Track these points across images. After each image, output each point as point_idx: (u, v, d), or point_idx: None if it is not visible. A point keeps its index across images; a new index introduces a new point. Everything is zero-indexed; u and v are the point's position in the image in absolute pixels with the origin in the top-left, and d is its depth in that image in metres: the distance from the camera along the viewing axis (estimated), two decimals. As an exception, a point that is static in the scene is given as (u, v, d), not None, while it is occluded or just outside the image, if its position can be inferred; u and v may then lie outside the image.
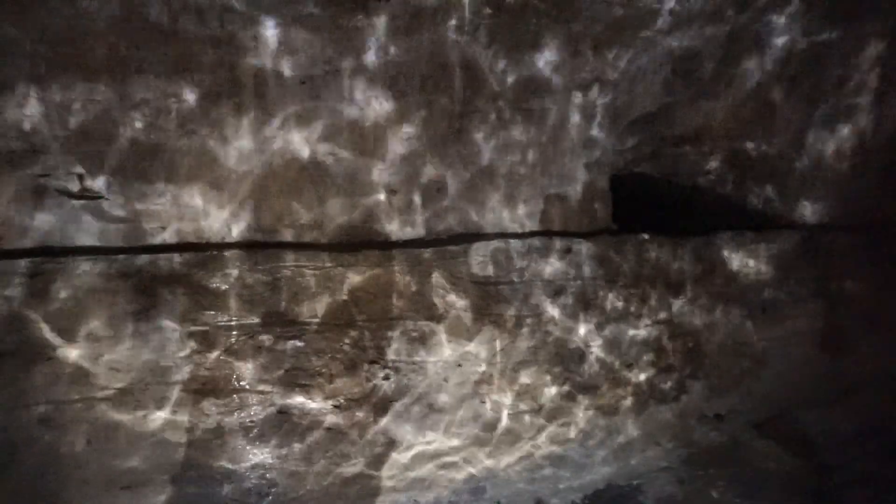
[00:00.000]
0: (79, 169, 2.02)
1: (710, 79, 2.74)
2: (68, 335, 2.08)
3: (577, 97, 2.55)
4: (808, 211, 3.19)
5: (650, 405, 2.99)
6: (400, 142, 2.37)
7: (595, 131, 2.63)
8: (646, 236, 2.83)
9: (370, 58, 2.25)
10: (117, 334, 2.13)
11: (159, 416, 2.22)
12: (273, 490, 2.42)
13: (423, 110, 2.36)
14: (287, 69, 2.17)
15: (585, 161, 2.65)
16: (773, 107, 2.92)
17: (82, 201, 2.05)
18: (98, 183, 2.05)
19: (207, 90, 2.10)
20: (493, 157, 2.50)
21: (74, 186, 2.03)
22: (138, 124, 2.05)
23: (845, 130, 3.10)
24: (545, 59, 2.46)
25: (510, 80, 2.45)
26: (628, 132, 2.70)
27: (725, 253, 3.00)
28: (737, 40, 2.69)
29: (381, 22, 2.21)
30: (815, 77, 2.93)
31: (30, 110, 1.94)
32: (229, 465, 2.35)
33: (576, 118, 2.57)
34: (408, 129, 2.37)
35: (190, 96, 2.09)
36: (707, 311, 3.01)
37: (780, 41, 2.79)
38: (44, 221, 2.03)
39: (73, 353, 2.10)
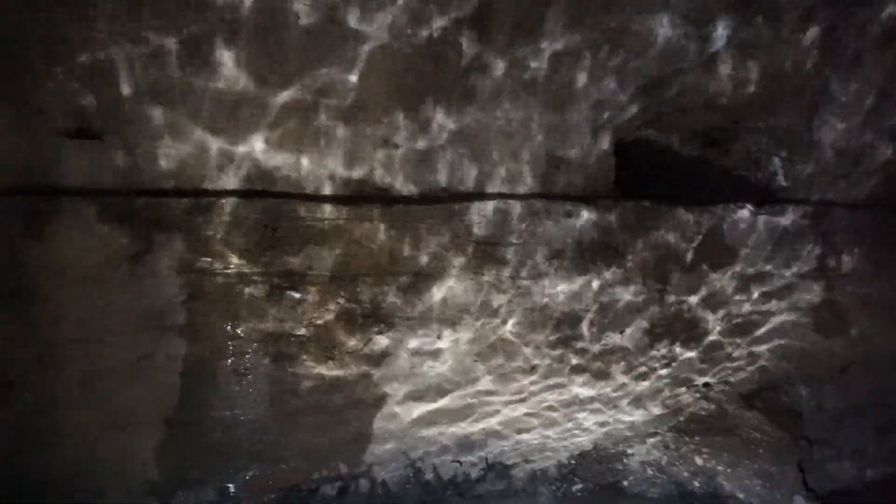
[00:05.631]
0: (77, 107, 2.00)
1: (724, 45, 2.68)
2: (64, 276, 2.09)
3: (587, 58, 2.50)
4: (814, 187, 3.16)
5: (641, 371, 3.01)
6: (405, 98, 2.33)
7: (603, 94, 2.59)
8: (647, 204, 2.81)
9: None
10: (113, 276, 2.13)
11: (153, 360, 2.24)
12: (265, 437, 2.46)
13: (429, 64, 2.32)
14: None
15: (591, 125, 2.62)
16: (784, 78, 2.87)
17: (81, 140, 2.03)
18: (98, 123, 2.02)
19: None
20: (498, 115, 2.46)
21: (74, 125, 2.01)
22: (140, 64, 2.01)
23: (857, 106, 3.05)
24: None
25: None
26: (637, 97, 2.65)
27: (726, 225, 2.99)
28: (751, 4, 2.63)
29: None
30: (829, 48, 2.87)
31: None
32: (222, 412, 2.38)
33: (583, 79, 2.53)
34: (414, 86, 2.33)
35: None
36: (703, 282, 3.01)
37: (795, 10, 2.72)
38: (42, 160, 2.01)
39: (68, 294, 2.10)
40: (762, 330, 3.20)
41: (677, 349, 3.06)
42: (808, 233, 3.16)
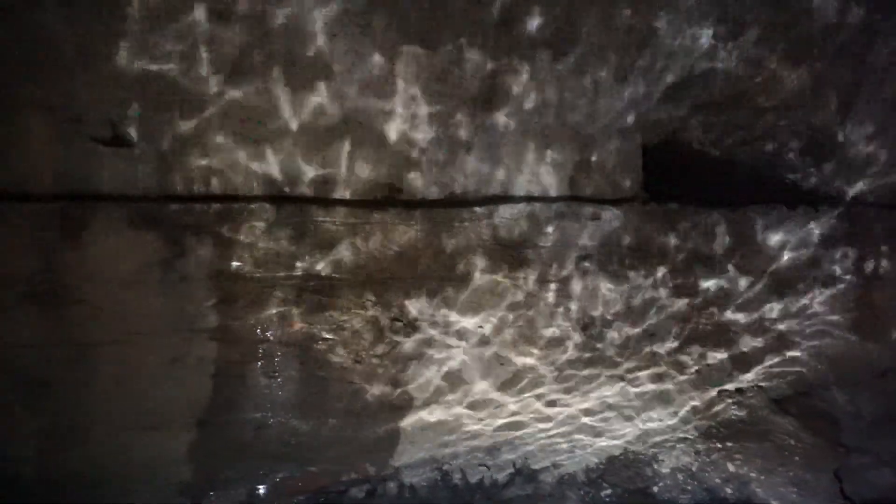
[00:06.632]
0: (111, 115, 2.04)
1: (754, 43, 2.64)
2: (98, 279, 2.13)
3: (613, 58, 2.47)
4: (848, 187, 3.08)
5: (671, 375, 2.97)
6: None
7: (630, 95, 2.56)
8: (675, 206, 2.77)
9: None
10: (145, 280, 2.16)
11: (185, 362, 2.27)
12: (294, 440, 2.48)
13: (455, 67, 2.32)
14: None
15: (618, 126, 2.59)
16: (817, 76, 2.81)
17: (115, 147, 2.07)
18: (130, 130, 2.06)
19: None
20: (525, 118, 2.45)
21: (107, 133, 2.05)
22: (172, 72, 2.05)
23: (890, 104, 2.97)
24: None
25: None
26: (665, 97, 2.62)
27: (758, 227, 2.93)
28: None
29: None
30: (865, 47, 2.81)
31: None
32: (253, 413, 2.40)
33: (610, 80, 2.50)
34: (437, 87, 2.33)
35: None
36: (734, 285, 2.95)
37: (830, 8, 2.67)
38: (77, 167, 2.05)
39: (102, 297, 2.14)
40: (796, 334, 3.12)
41: (708, 353, 3.00)
42: (843, 234, 3.09)
